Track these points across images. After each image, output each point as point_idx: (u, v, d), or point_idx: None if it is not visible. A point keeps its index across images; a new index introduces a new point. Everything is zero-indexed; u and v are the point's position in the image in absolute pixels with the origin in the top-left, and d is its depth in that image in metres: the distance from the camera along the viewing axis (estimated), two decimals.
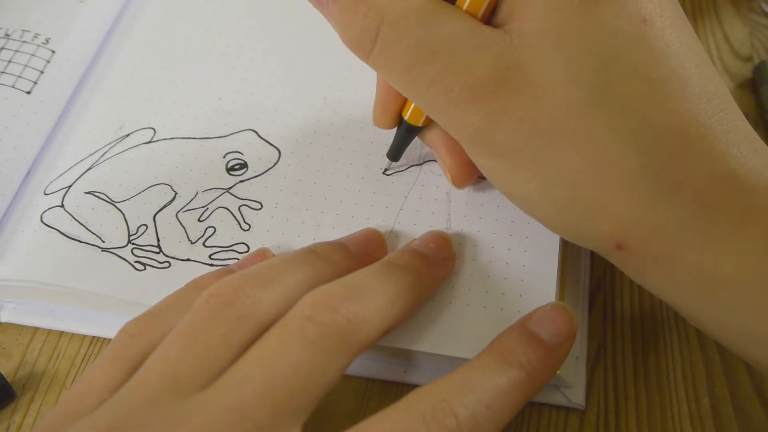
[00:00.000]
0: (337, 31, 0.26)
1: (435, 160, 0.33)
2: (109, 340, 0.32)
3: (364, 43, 0.25)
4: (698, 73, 0.23)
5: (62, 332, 0.32)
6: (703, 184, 0.23)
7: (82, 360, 0.31)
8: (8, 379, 0.30)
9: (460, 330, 0.28)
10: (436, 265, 0.29)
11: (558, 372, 0.27)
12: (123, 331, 0.26)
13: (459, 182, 0.30)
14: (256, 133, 0.35)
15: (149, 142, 0.35)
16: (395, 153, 0.32)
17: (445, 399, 0.22)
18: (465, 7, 0.24)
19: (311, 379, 0.23)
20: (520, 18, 0.23)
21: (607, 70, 0.23)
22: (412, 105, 0.29)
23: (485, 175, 0.27)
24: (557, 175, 0.24)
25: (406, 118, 0.30)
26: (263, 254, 0.31)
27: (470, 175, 0.30)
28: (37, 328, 0.32)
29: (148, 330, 0.26)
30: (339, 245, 0.29)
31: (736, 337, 0.25)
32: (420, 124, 0.30)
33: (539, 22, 0.23)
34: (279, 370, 0.22)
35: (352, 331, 0.24)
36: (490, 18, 0.24)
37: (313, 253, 0.28)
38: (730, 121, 0.23)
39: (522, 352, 0.24)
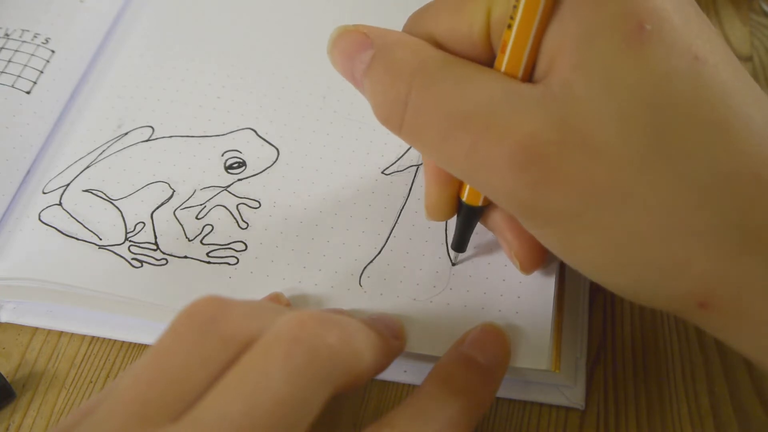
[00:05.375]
0: (371, 107, 0.24)
1: None
2: (108, 340, 0.32)
3: (394, 114, 0.23)
4: (759, 109, 0.21)
5: (62, 332, 0.32)
6: None
7: (82, 360, 0.31)
8: (8, 379, 0.30)
9: (458, 332, 0.28)
10: None
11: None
12: None
13: (528, 268, 0.28)
14: (255, 132, 0.35)
15: (147, 140, 0.35)
16: (459, 243, 0.29)
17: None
18: (503, 68, 0.22)
19: (296, 416, 0.21)
20: (561, 67, 0.21)
21: (664, 116, 0.20)
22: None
23: (544, 244, 0.24)
24: (625, 237, 0.22)
25: (464, 199, 0.27)
26: (276, 297, 0.30)
27: (541, 259, 0.28)
28: (36, 328, 0.32)
29: None
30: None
31: None
32: (481, 203, 0.27)
33: (582, 69, 0.21)
34: (261, 408, 0.20)
35: (345, 358, 0.22)
36: (531, 74, 0.22)
37: None
38: None
39: (463, 378, 0.25)
